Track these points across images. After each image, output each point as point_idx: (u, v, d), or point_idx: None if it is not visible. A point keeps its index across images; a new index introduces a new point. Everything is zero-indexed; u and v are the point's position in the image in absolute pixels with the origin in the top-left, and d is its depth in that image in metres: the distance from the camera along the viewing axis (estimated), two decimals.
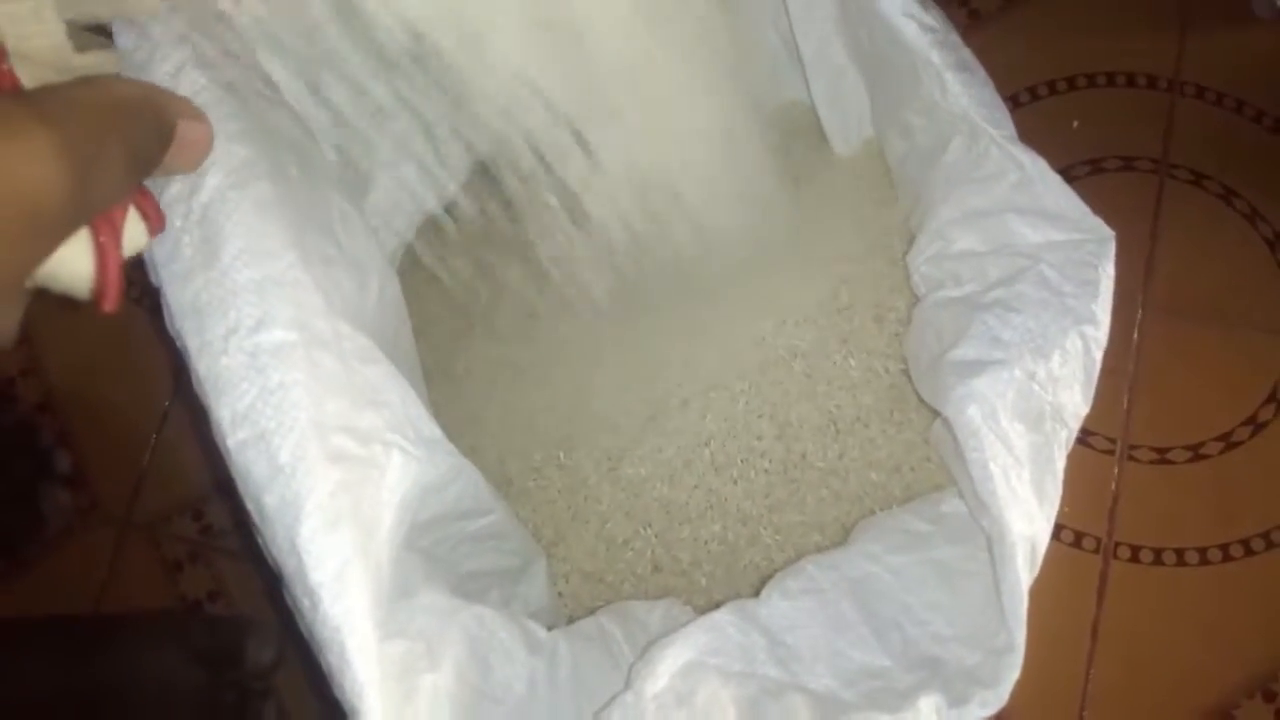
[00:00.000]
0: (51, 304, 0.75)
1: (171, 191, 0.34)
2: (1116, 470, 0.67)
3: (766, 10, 0.51)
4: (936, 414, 0.43)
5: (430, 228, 0.57)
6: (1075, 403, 0.38)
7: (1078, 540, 0.66)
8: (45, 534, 0.70)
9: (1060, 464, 0.38)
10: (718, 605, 0.38)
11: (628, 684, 0.34)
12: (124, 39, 0.35)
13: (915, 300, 0.47)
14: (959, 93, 0.41)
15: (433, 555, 0.39)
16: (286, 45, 0.41)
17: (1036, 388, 0.37)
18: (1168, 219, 0.70)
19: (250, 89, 0.37)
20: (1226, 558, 0.65)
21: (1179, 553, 0.66)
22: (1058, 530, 0.65)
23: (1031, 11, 0.75)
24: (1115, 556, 0.66)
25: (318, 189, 0.38)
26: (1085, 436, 0.67)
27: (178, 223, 0.33)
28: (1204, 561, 0.65)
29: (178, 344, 0.34)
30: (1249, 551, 0.65)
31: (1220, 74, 0.73)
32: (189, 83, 0.35)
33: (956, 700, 0.34)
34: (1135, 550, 0.66)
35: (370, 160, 0.49)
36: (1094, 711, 0.64)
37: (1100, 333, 0.39)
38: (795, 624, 0.36)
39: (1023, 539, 0.35)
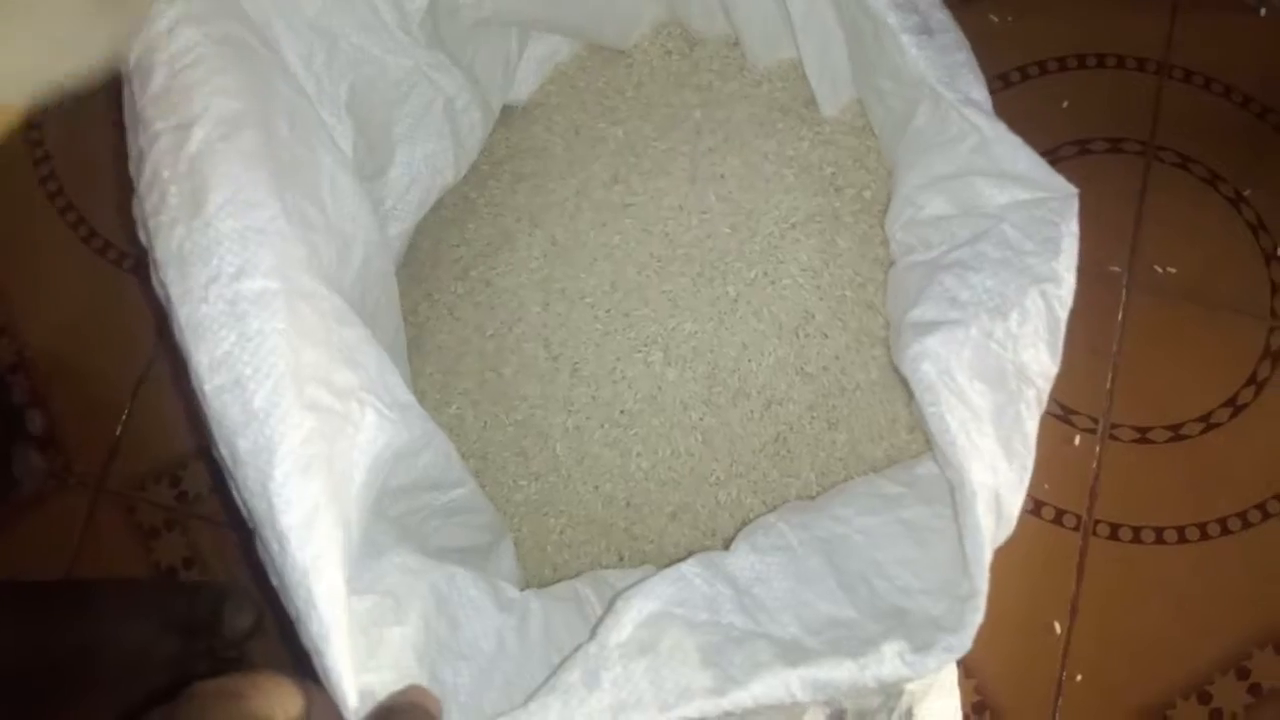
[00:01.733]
0: (28, 266, 0.74)
1: (160, 144, 0.34)
2: (1098, 449, 0.67)
3: None
4: None
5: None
6: (1041, 361, 0.38)
7: (1058, 517, 0.66)
8: (18, 497, 0.69)
9: (1030, 423, 0.37)
10: None
11: (592, 635, 0.34)
12: None
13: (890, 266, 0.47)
14: (916, 56, 0.40)
15: (403, 525, 0.39)
16: (302, 17, 0.41)
17: (995, 346, 0.37)
18: (1153, 201, 0.71)
19: (246, 47, 0.37)
20: (1204, 537, 0.66)
21: (1157, 531, 0.66)
22: (1038, 507, 0.66)
23: None
24: (1095, 534, 0.66)
25: (310, 151, 0.38)
26: (1067, 415, 0.67)
27: (165, 173, 0.34)
28: (1181, 540, 0.66)
29: (161, 296, 0.34)
30: (1225, 531, 0.66)
31: (1208, 58, 0.73)
32: (183, 39, 0.35)
33: (921, 646, 0.34)
34: (1115, 528, 0.66)
35: (388, 138, 0.49)
36: (1071, 685, 0.65)
37: (1063, 290, 0.38)
38: (762, 577, 0.36)
39: (983, 487, 0.35)
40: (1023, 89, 0.72)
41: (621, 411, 0.54)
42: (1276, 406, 0.68)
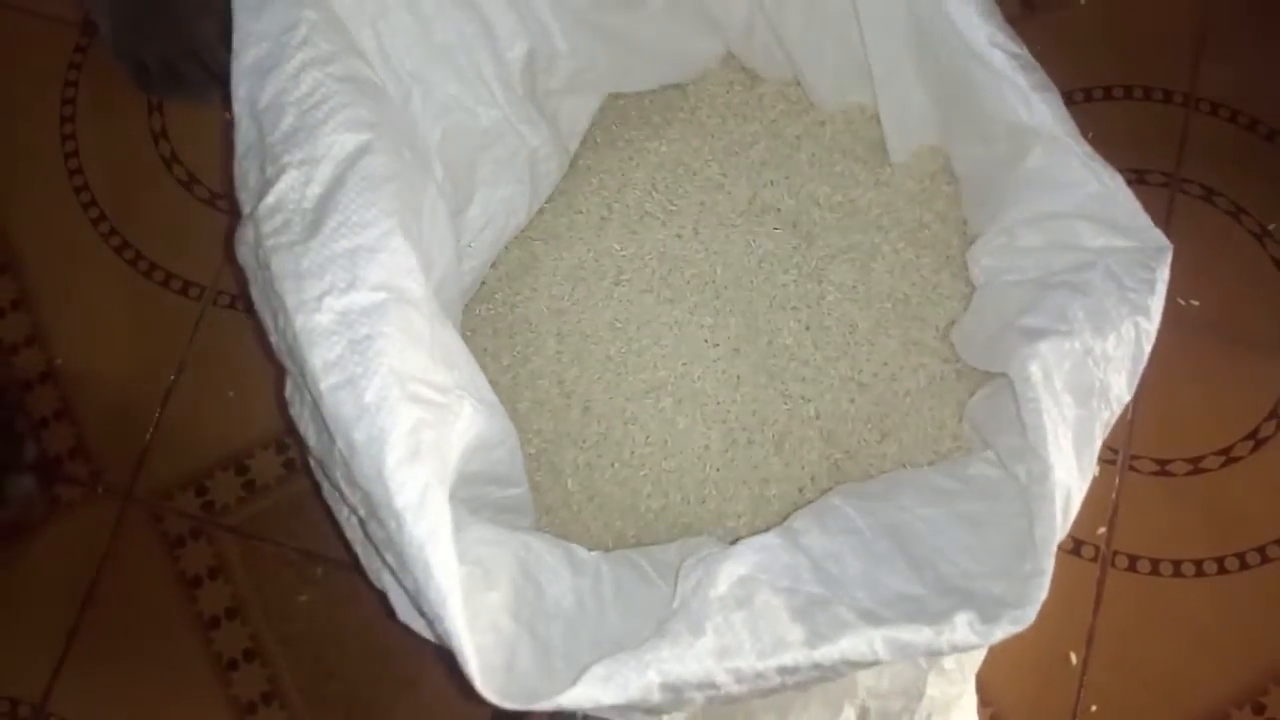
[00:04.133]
0: (59, 277, 0.75)
1: (287, 177, 0.38)
2: (1117, 480, 0.68)
3: (838, 24, 0.52)
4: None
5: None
6: (1120, 386, 0.42)
7: (1077, 548, 0.67)
8: (6, 519, 0.71)
9: (1098, 442, 0.41)
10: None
11: (684, 594, 0.37)
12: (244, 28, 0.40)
13: (968, 292, 0.51)
14: (1044, 111, 0.45)
15: (469, 508, 0.41)
16: (403, 66, 0.45)
17: (1091, 363, 0.41)
18: (1178, 233, 0.70)
19: (368, 83, 0.41)
20: (1221, 570, 0.66)
21: (1175, 564, 0.67)
22: None
23: (1051, 22, 0.76)
24: (1113, 565, 0.67)
25: (421, 176, 0.41)
26: None
27: (290, 204, 0.38)
28: (1199, 573, 0.67)
29: (266, 309, 0.39)
30: (1244, 565, 0.66)
31: (1234, 92, 0.74)
32: (309, 81, 0.39)
33: (989, 618, 0.37)
34: (1133, 560, 0.67)
35: (470, 180, 0.52)
36: (1086, 716, 0.65)
37: (1152, 326, 0.43)
38: (834, 554, 0.39)
39: (1061, 485, 0.39)
40: None
41: (632, 453, 0.55)
42: None
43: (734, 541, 0.40)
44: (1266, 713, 0.64)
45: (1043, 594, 0.37)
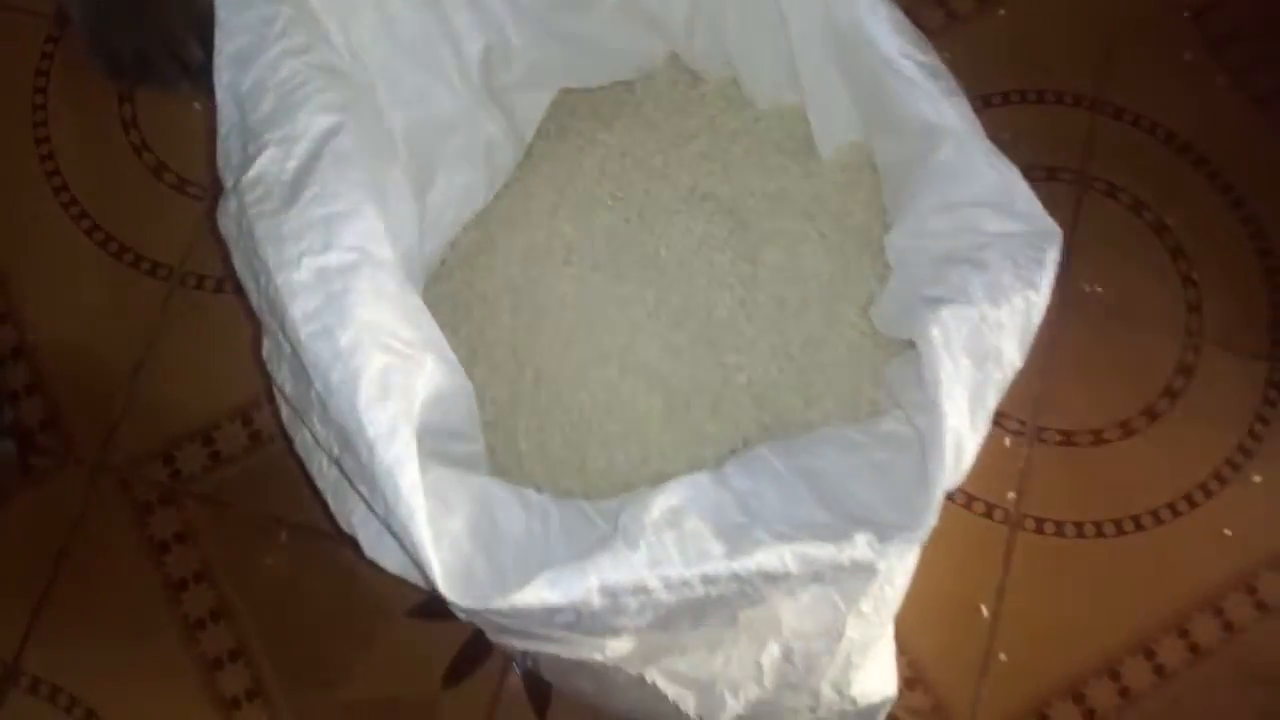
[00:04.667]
0: (31, 258, 0.78)
1: (268, 153, 0.42)
2: (1026, 450, 0.73)
3: (771, 31, 0.57)
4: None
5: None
6: (1012, 352, 0.46)
7: (988, 511, 0.72)
8: None
9: (992, 401, 0.45)
10: None
11: (622, 522, 0.41)
12: (227, 21, 0.44)
13: (885, 274, 0.56)
14: (950, 113, 0.49)
15: (429, 455, 0.45)
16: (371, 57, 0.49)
17: (986, 329, 0.45)
18: (1085, 226, 0.77)
19: (339, 71, 0.45)
20: (1119, 532, 0.72)
21: (1078, 525, 0.72)
22: (970, 501, 0.72)
23: (971, 31, 0.81)
24: (1021, 528, 0.72)
25: (387, 156, 0.44)
26: (999, 419, 0.73)
27: (270, 176, 0.42)
28: (1099, 535, 0.72)
29: (247, 273, 0.43)
30: (1139, 528, 0.72)
31: (1137, 97, 0.79)
32: (287, 69, 0.43)
33: (885, 537, 0.42)
34: (1040, 522, 0.72)
35: (431, 165, 0.56)
36: (996, 663, 0.70)
37: (1041, 299, 0.47)
38: (756, 492, 0.43)
39: (952, 431, 0.43)
40: None
41: (580, 416, 0.60)
42: (1189, 416, 0.73)
43: None
44: (1156, 659, 0.70)
45: (931, 520, 0.41)
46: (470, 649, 0.71)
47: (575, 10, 0.57)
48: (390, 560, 0.43)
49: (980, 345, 0.45)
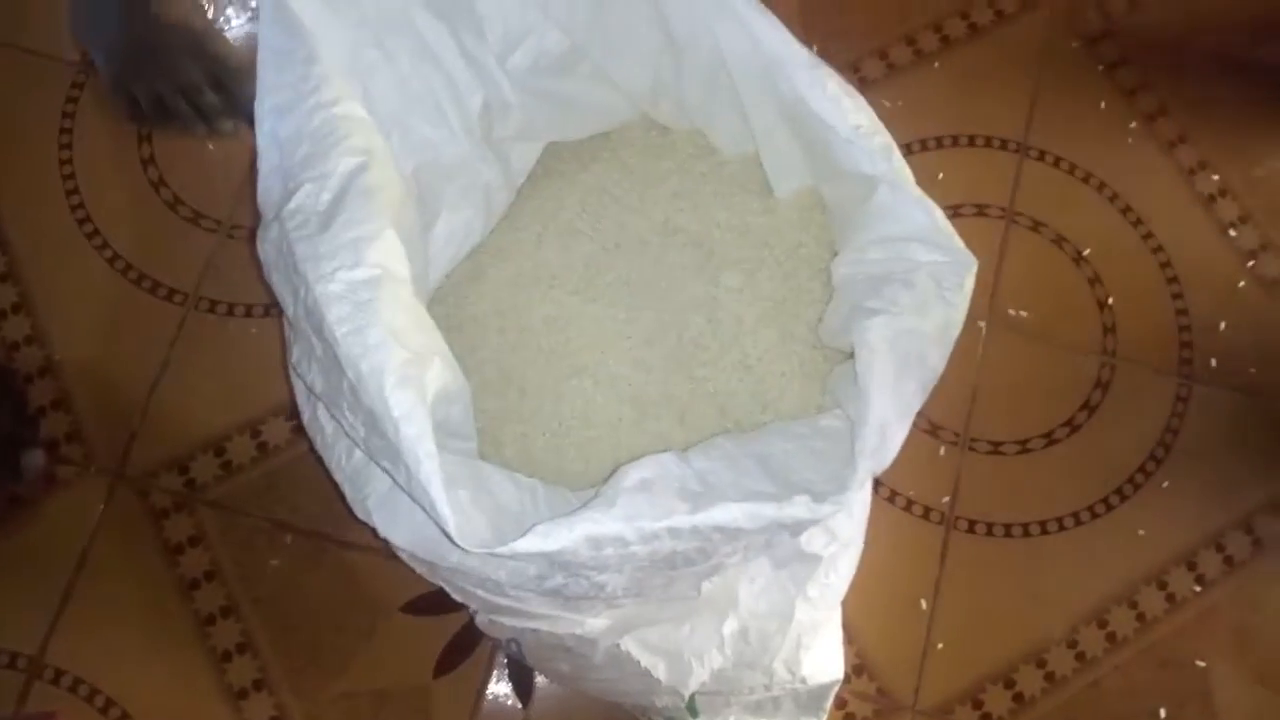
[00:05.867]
0: (55, 283, 0.84)
1: (305, 189, 0.49)
2: (959, 459, 0.79)
3: (729, 95, 0.65)
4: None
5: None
6: (935, 359, 0.52)
7: (925, 513, 0.79)
8: (20, 491, 0.78)
9: (917, 402, 0.51)
10: None
11: (601, 489, 0.48)
12: (268, 79, 0.51)
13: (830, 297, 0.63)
14: (884, 165, 0.56)
15: None
16: (387, 109, 0.58)
17: (914, 337, 0.51)
18: (1011, 257, 0.83)
19: (364, 121, 0.53)
20: (1044, 532, 0.78)
21: (1006, 527, 0.78)
22: (909, 505, 0.79)
23: (909, 81, 0.88)
24: (955, 528, 0.78)
25: (398, 193, 0.52)
26: (935, 430, 0.80)
27: (308, 207, 0.49)
28: (1026, 535, 0.78)
29: (285, 288, 0.50)
30: (1061, 528, 0.78)
31: (1059, 142, 0.86)
32: (320, 119, 0.51)
33: (818, 500, 0.48)
34: (972, 523, 0.78)
35: (435, 204, 0.62)
36: (934, 651, 0.76)
37: (959, 316, 0.53)
38: (713, 470, 0.50)
39: (878, 415, 0.49)
40: (908, 162, 0.86)
41: (559, 424, 0.67)
42: (1106, 428, 0.80)
43: None
44: (1078, 647, 0.76)
45: (857, 486, 0.48)
46: (459, 641, 0.77)
47: (556, 74, 0.65)
48: (402, 536, 0.50)
49: (906, 350, 0.52)
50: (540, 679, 0.76)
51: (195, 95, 0.82)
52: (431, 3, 0.62)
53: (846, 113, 0.57)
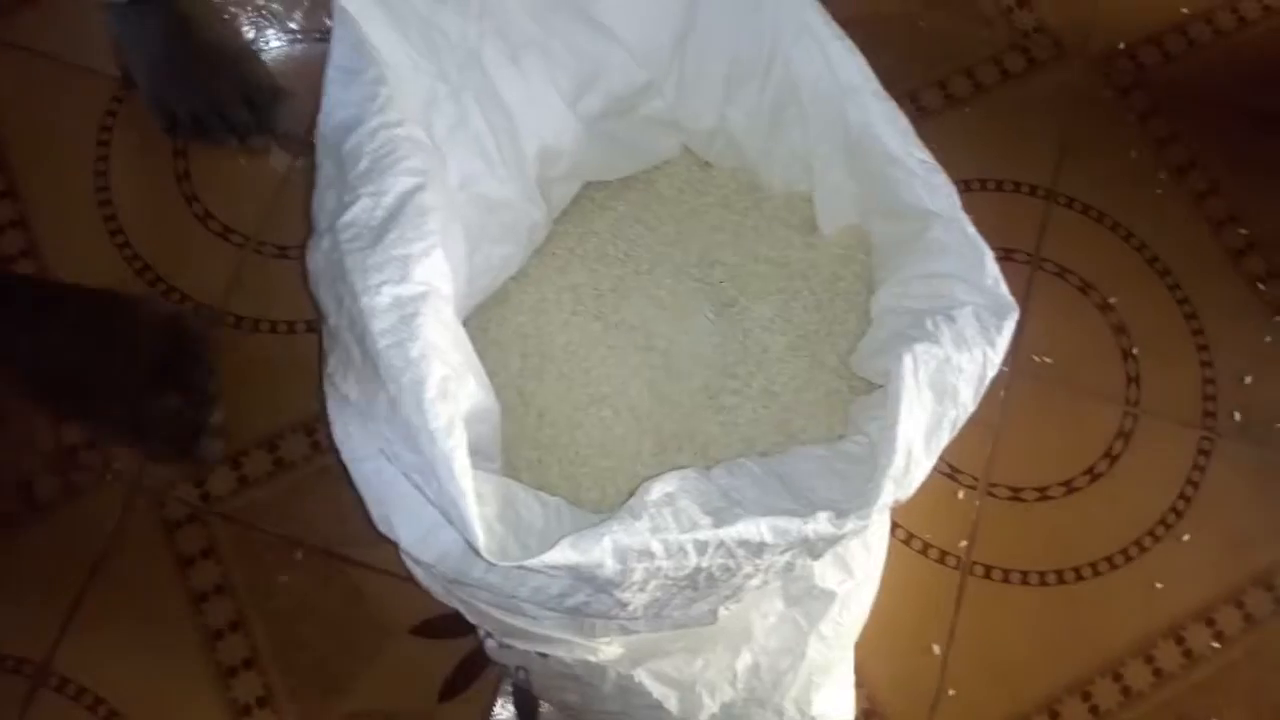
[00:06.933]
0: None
1: (360, 204, 0.50)
2: (977, 503, 0.79)
3: (788, 133, 0.66)
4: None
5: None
6: (967, 395, 0.53)
7: (942, 558, 0.78)
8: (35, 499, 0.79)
9: (945, 435, 0.52)
10: None
11: (626, 503, 0.48)
12: (334, 96, 0.52)
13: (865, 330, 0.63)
14: (942, 200, 0.57)
15: None
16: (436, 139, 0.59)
17: (949, 370, 0.52)
18: (1036, 302, 0.83)
19: (422, 143, 0.54)
20: (1061, 581, 0.77)
21: (1024, 574, 0.78)
22: (925, 548, 0.78)
23: (940, 124, 0.88)
24: (972, 573, 0.77)
25: (449, 218, 0.53)
26: (954, 473, 0.80)
27: (361, 221, 0.50)
28: (1043, 583, 0.77)
29: (330, 298, 0.51)
30: (1079, 578, 0.77)
31: (1087, 189, 0.86)
32: (381, 139, 0.52)
33: (840, 516, 0.48)
34: (988, 569, 0.78)
35: (480, 236, 0.63)
36: (945, 698, 0.75)
37: (996, 357, 0.54)
38: (736, 487, 0.50)
39: (904, 439, 0.49)
40: None
41: (576, 453, 0.67)
42: (1126, 478, 0.79)
43: None
44: (1091, 699, 0.75)
45: (879, 505, 0.48)
46: (467, 666, 0.77)
47: (618, 115, 0.66)
48: (426, 552, 0.50)
49: (941, 381, 0.52)
50: (546, 708, 0.76)
51: (230, 112, 0.84)
52: (502, 45, 0.63)
53: (913, 146, 0.58)
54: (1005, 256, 0.84)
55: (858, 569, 0.63)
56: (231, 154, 0.87)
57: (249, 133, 0.85)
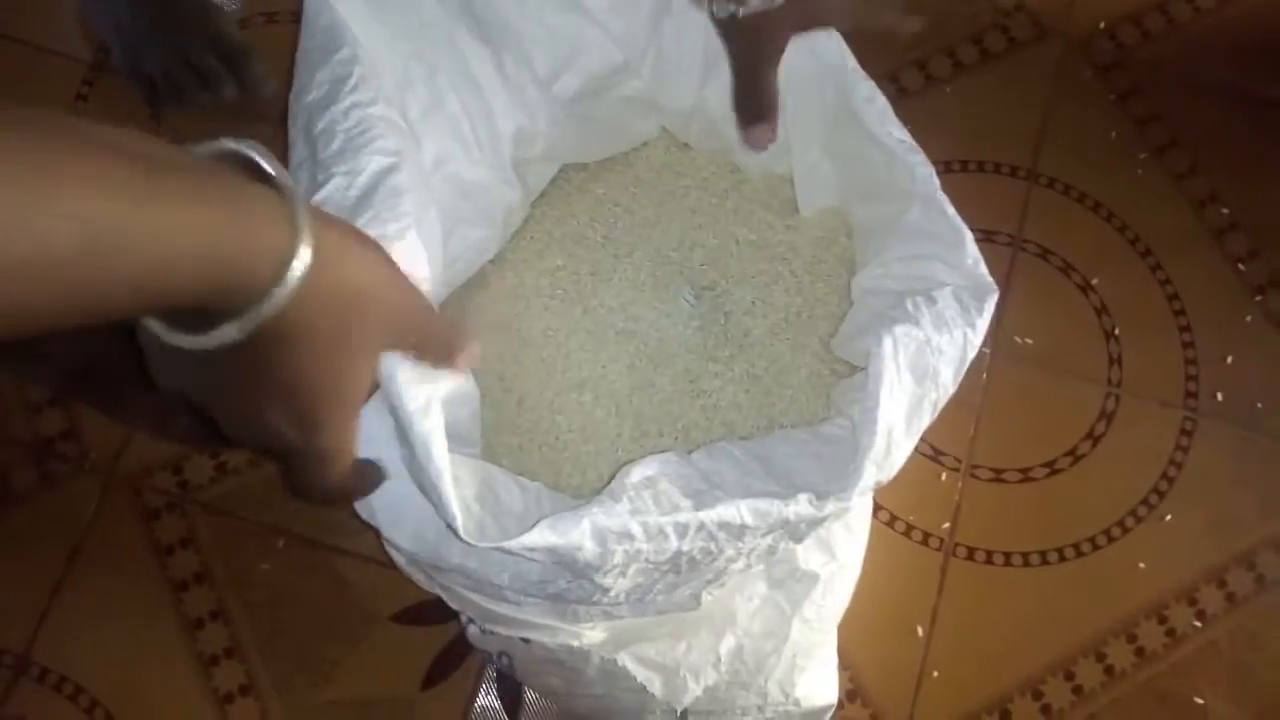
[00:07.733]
0: None
1: (334, 183, 0.49)
2: (960, 485, 0.79)
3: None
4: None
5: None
6: (947, 376, 0.53)
7: (925, 539, 0.78)
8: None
9: (926, 417, 0.52)
10: None
11: (608, 486, 0.48)
12: (306, 74, 0.51)
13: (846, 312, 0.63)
14: (922, 181, 0.57)
15: None
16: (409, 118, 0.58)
17: (929, 351, 0.52)
18: (1017, 283, 0.83)
19: (395, 124, 0.53)
20: (1044, 562, 0.78)
21: (1006, 555, 0.78)
22: (909, 530, 0.79)
23: (920, 105, 0.88)
24: (954, 555, 0.78)
25: (423, 199, 0.52)
26: (937, 455, 0.80)
27: (335, 201, 0.49)
28: (1025, 564, 0.78)
29: None
30: (1061, 559, 0.78)
31: (1068, 169, 0.86)
32: (354, 118, 0.51)
33: (821, 498, 0.48)
34: (971, 551, 0.78)
35: (455, 219, 0.63)
36: (929, 679, 0.75)
37: (976, 339, 0.53)
38: (717, 470, 0.50)
39: (885, 421, 0.49)
40: None
41: (556, 438, 0.67)
42: (1109, 459, 0.79)
43: None
44: (1075, 679, 0.75)
45: (860, 486, 0.48)
46: (449, 654, 0.77)
47: (594, 96, 0.65)
48: (406, 537, 0.50)
49: (922, 363, 0.52)
50: (529, 694, 0.75)
51: (198, 59, 0.83)
52: (476, 26, 0.62)
53: (892, 126, 0.57)
54: (986, 238, 0.84)
55: (840, 551, 0.63)
56: (206, 133, 0.85)
57: (220, 82, 0.84)
